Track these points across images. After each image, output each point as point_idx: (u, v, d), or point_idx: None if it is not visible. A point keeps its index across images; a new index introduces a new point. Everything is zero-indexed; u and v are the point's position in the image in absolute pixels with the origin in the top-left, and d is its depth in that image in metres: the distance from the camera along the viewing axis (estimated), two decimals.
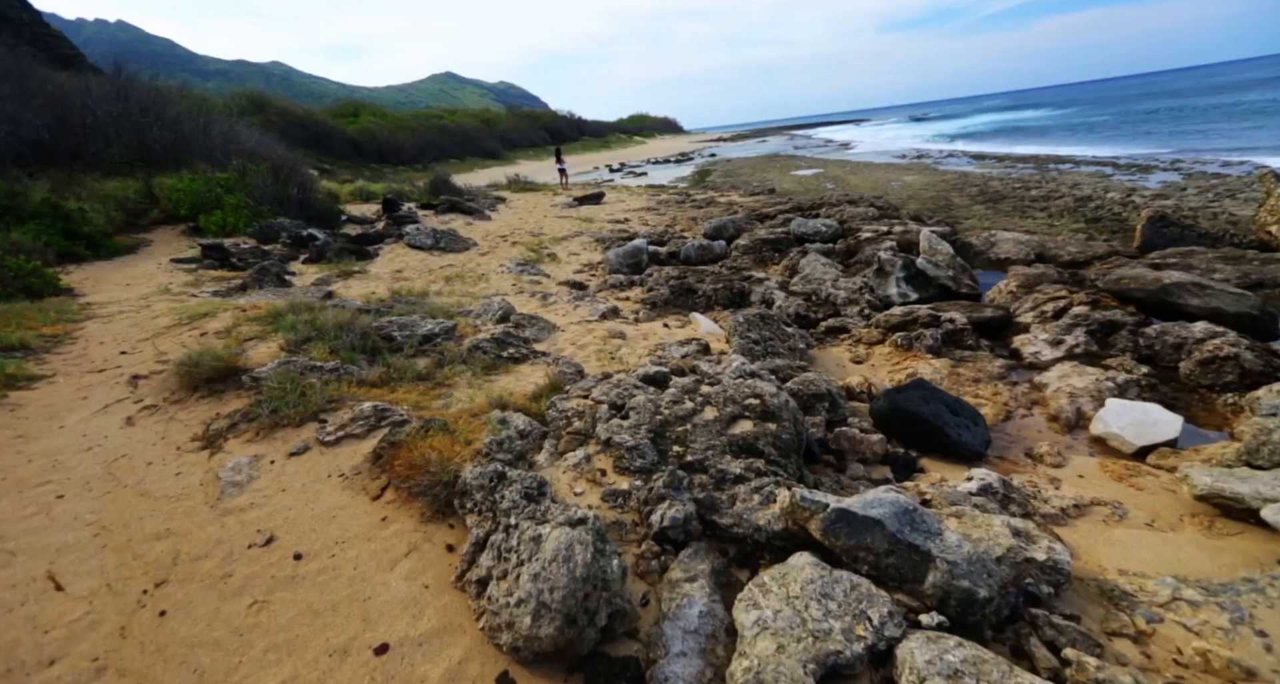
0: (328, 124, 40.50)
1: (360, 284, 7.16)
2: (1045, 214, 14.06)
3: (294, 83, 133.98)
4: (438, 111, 64.52)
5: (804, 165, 31.63)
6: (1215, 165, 18.73)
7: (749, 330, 4.43)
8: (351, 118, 47.41)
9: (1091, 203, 14.28)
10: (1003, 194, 16.59)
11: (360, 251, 8.31)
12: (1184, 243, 6.52)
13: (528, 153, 59.43)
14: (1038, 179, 19.46)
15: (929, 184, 20.47)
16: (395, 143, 44.27)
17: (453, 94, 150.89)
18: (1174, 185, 16.01)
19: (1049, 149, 29.20)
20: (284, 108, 37.23)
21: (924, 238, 6.62)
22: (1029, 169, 22.54)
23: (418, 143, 47.23)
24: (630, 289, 6.83)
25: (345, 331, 3.88)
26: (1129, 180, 17.77)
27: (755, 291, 5.85)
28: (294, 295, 5.51)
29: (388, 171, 36.26)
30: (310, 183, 10.36)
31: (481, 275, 7.55)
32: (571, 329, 5.26)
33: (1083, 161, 23.28)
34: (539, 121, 68.55)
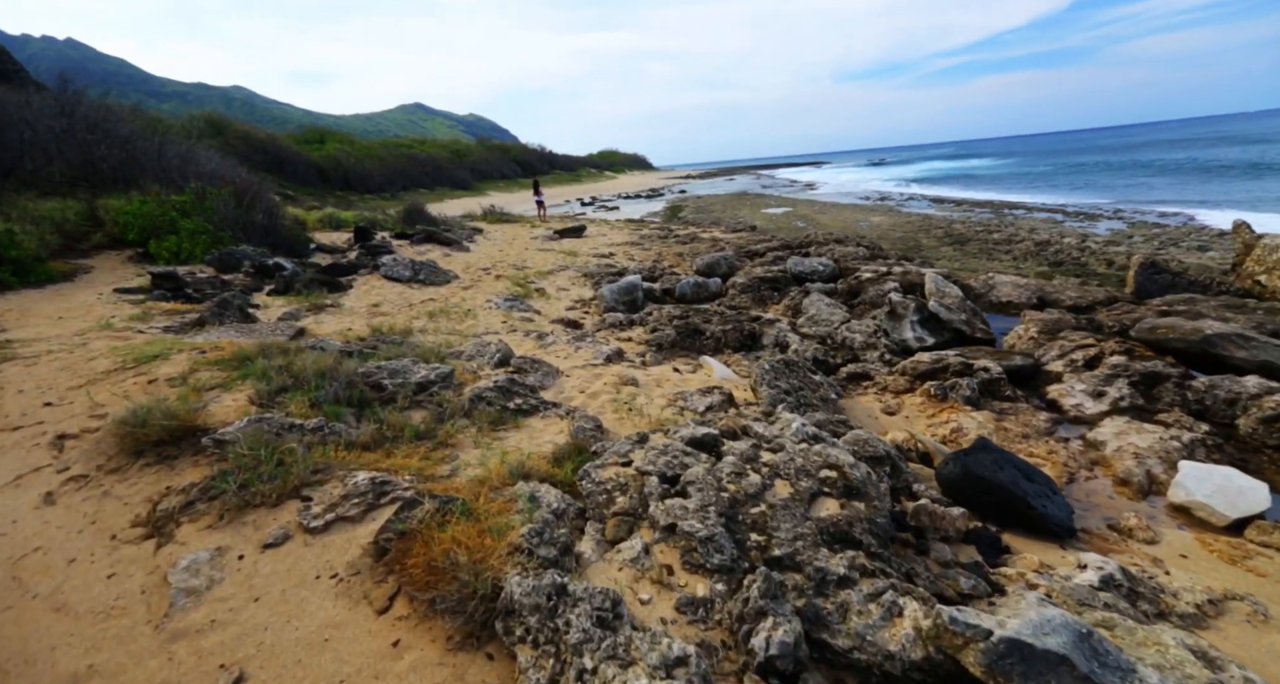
0: (291, 150, 39.60)
1: (334, 319, 6.54)
2: (1010, 257, 14.48)
3: (256, 107, 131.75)
4: (407, 141, 64.22)
5: (773, 204, 32.41)
6: (1153, 215, 19.97)
7: (777, 379, 4.07)
8: (317, 144, 46.59)
9: (1051, 247, 14.82)
10: (967, 237, 17.13)
11: (332, 283, 7.68)
12: (1176, 289, 6.60)
13: (498, 185, 59.45)
14: (997, 223, 20.28)
15: (896, 225, 21.09)
16: (362, 171, 43.59)
17: (422, 124, 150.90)
18: (1121, 233, 16.86)
19: (1000, 196, 30.82)
20: (245, 132, 36.23)
21: (930, 280, 6.49)
22: (986, 214, 23.58)
23: (386, 171, 46.68)
24: (631, 329, 6.43)
25: (328, 380, 3.33)
26: (1079, 227, 18.70)
27: (767, 334, 5.54)
28: (262, 333, 4.89)
29: (354, 199, 35.44)
30: (277, 208, 9.70)
31: (468, 311, 7.03)
32: (577, 374, 4.79)
33: (1034, 208, 24.54)
34: (509, 154, 68.92)
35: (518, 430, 3.43)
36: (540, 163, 71.38)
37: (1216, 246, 14.01)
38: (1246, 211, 18.07)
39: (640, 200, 41.49)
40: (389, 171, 46.59)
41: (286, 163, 36.62)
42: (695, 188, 54.47)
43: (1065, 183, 34.06)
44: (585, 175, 76.12)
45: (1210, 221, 17.08)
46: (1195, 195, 23.30)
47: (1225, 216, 17.53)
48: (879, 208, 27.98)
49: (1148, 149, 60.09)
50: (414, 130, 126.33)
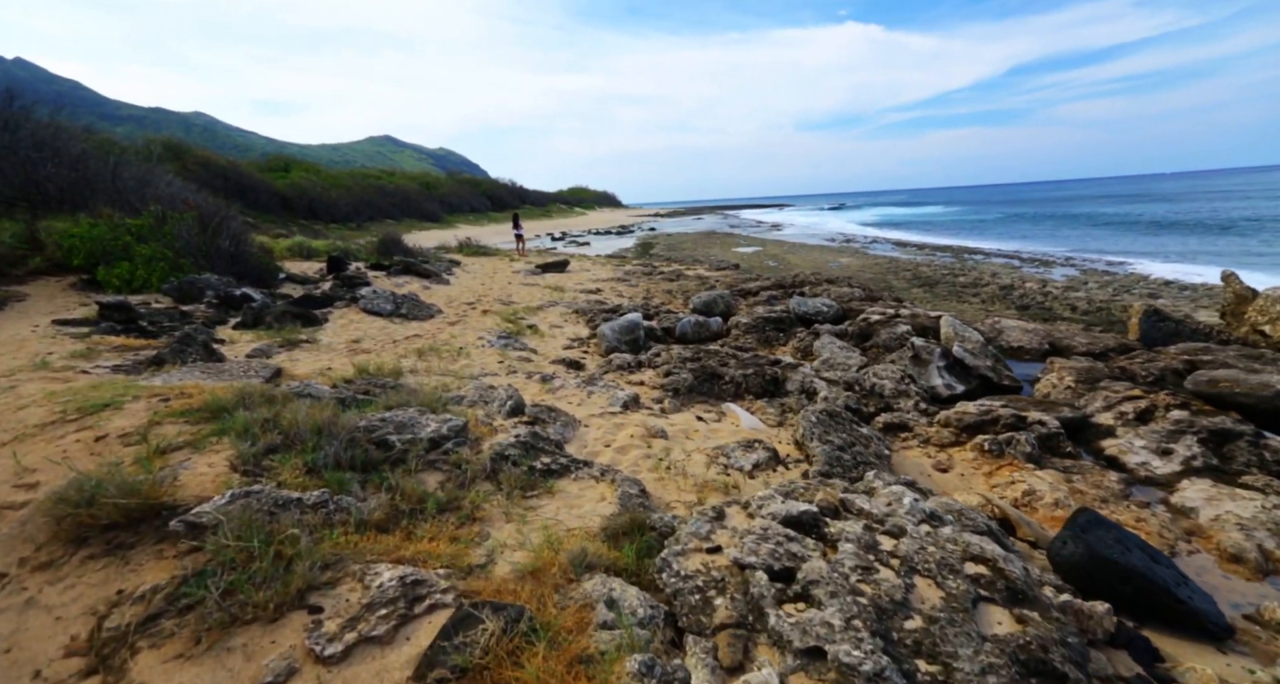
0: (254, 177, 38.51)
1: (310, 357, 5.88)
2: (979, 299, 14.80)
3: (218, 134, 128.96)
4: (375, 172, 63.56)
5: (743, 243, 32.95)
6: (1100, 264, 21.02)
7: (827, 433, 3.68)
8: (282, 172, 45.55)
9: (1015, 291, 15.24)
10: (935, 279, 17.53)
11: (307, 316, 7.01)
12: (1180, 337, 6.62)
13: (468, 218, 59.11)
14: (960, 267, 20.93)
15: (865, 266, 21.53)
16: (328, 200, 42.68)
17: (390, 156, 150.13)
18: (1077, 279, 17.57)
19: (957, 241, 32.19)
20: (205, 157, 35.04)
21: (946, 324, 6.32)
22: (948, 258, 24.41)
23: (353, 201, 45.86)
24: (640, 371, 5.99)
25: (325, 437, 2.76)
26: (1036, 272, 19.46)
27: (791, 379, 5.19)
28: (233, 374, 4.23)
29: (319, 228, 34.43)
30: (245, 235, 8.99)
31: (460, 349, 6.47)
32: (596, 423, 4.31)
33: (991, 253, 25.57)
34: (480, 188, 68.91)
35: (552, 497, 2.91)
36: (511, 197, 71.57)
37: (1165, 294, 14.66)
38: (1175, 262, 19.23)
39: (611, 236, 41.72)
40: (355, 201, 45.80)
41: (248, 190, 35.45)
42: (664, 226, 55.29)
43: (1013, 231, 35.96)
44: (555, 211, 76.65)
45: (1150, 271, 18.03)
46: (1129, 246, 24.81)
47: (1161, 267, 18.58)
48: (846, 249, 28.72)
49: (1079, 203, 64.66)
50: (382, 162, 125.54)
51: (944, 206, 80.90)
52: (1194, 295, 14.28)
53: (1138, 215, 39.66)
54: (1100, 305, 13.19)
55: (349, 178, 51.38)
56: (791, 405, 4.95)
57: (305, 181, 43.14)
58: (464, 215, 59.03)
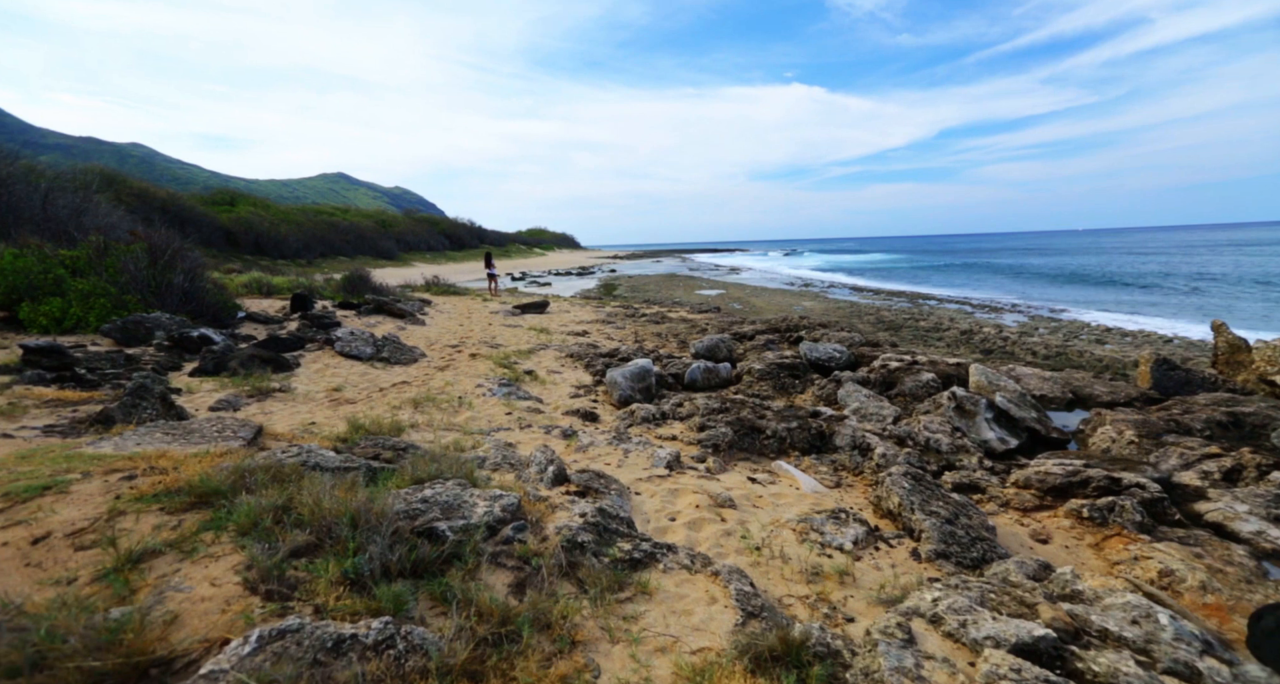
0: (197, 210, 36.64)
1: (287, 409, 5.07)
2: (944, 343, 15.07)
3: (156, 166, 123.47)
4: (329, 208, 61.91)
5: (706, 286, 33.23)
6: (1044, 310, 22.14)
7: (927, 501, 3.24)
8: (227, 206, 43.65)
9: (976, 336, 15.63)
10: (898, 323, 17.85)
11: (277, 360, 6.16)
12: (1191, 387, 6.64)
13: (425, 256, 57.94)
14: (917, 312, 21.53)
15: (828, 310, 21.84)
16: (277, 235, 41.01)
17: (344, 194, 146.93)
18: (1029, 325, 18.28)
19: (910, 287, 33.50)
20: (142, 188, 33.08)
21: (978, 372, 6.12)
22: (904, 303, 25.15)
23: (304, 237, 44.27)
24: (665, 423, 5.45)
25: (364, 531, 2.10)
26: (989, 318, 20.19)
27: (839, 433, 4.77)
28: (204, 435, 3.43)
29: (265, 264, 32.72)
30: (201, 270, 8.06)
31: (459, 399, 5.76)
32: (646, 489, 3.72)
33: (943, 299, 26.58)
34: (438, 227, 67.96)
35: (649, 599, 2.31)
36: (470, 237, 70.87)
37: (1110, 340, 15.35)
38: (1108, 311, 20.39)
39: (571, 277, 41.47)
40: (306, 237, 44.18)
41: (190, 223, 33.55)
42: (624, 268, 55.60)
43: (955, 279, 37.76)
44: (515, 251, 76.31)
45: (1090, 318, 19.04)
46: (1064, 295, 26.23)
47: (1099, 315, 19.64)
48: (807, 293, 29.31)
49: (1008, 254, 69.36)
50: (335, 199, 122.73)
51: (886, 254, 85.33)
52: (1136, 342, 14.98)
53: (1062, 267, 42.51)
54: (1058, 350, 13.56)
55: (300, 213, 49.70)
56: (844, 463, 4.52)
57: (253, 216, 41.42)
58: (421, 254, 57.86)
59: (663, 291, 29.09)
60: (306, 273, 28.98)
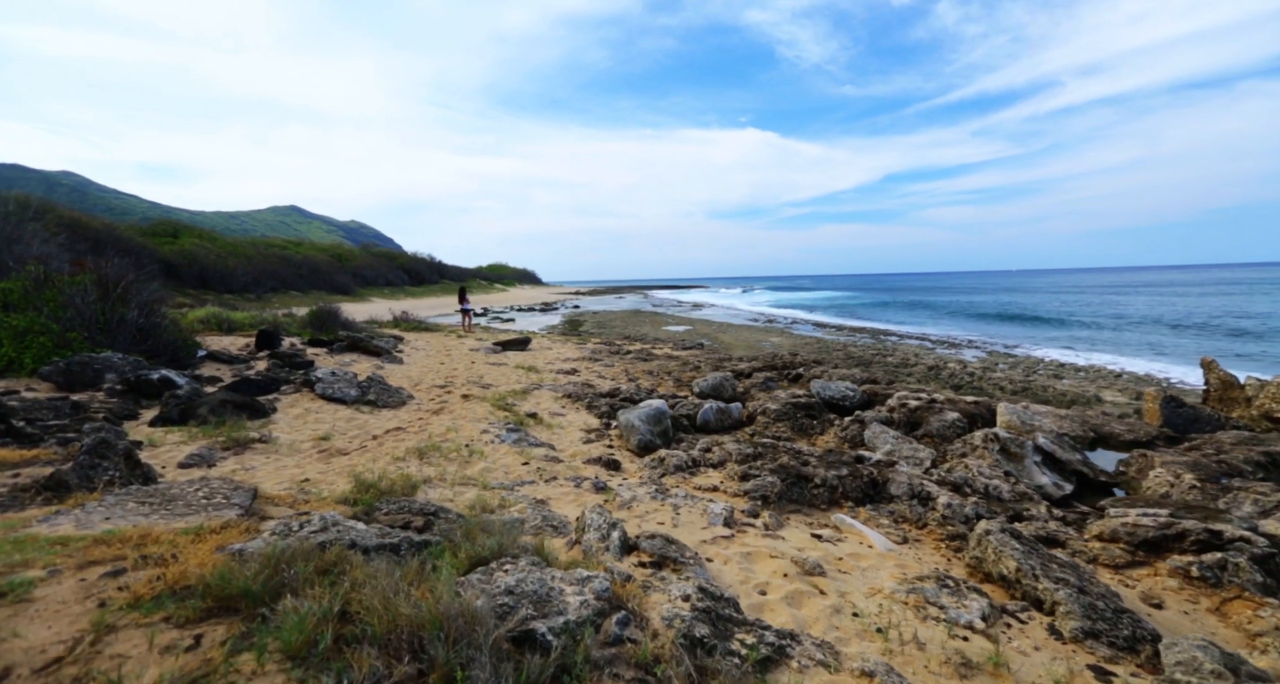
0: (134, 241, 34.55)
1: (271, 463, 4.39)
2: (912, 379, 15.24)
3: (89, 195, 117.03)
4: (280, 241, 59.77)
5: (672, 322, 33.13)
6: (999, 346, 23.00)
7: (1047, 567, 2.90)
8: (169, 238, 41.49)
9: (943, 371, 15.93)
10: (867, 359, 18.03)
11: (251, 406, 5.44)
12: (1200, 424, 6.69)
13: (383, 291, 56.34)
14: (882, 347, 21.93)
15: (797, 346, 21.96)
16: (224, 269, 39.09)
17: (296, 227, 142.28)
18: (988, 360, 18.79)
19: (869, 323, 34.34)
20: (73, 218, 31.02)
21: (1008, 412, 5.99)
22: (867, 338, 25.62)
23: (253, 271, 42.36)
24: (700, 471, 5.01)
25: (446, 639, 1.59)
26: (950, 354, 20.73)
27: (893, 480, 4.46)
28: (189, 502, 2.80)
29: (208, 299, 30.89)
30: (159, 304, 7.23)
31: (467, 446, 5.17)
32: (717, 555, 3.27)
33: (903, 335, 27.25)
34: (397, 261, 66.42)
35: None
36: (430, 272, 69.49)
37: (1066, 375, 15.93)
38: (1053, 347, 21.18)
39: (535, 313, 40.83)
40: (256, 271, 42.27)
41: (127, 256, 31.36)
42: (588, 303, 55.36)
43: (910, 316, 39.06)
44: (476, 286, 75.20)
45: (1042, 354, 19.82)
46: (1012, 332, 27.25)
47: (1049, 351, 20.47)
48: (772, 329, 29.55)
49: (953, 292, 72.97)
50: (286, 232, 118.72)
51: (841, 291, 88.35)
52: (1090, 377, 15.55)
53: (1004, 306, 44.65)
54: (1022, 385, 13.88)
55: (250, 246, 47.68)
56: (904, 514, 4.18)
57: (198, 248, 39.40)
58: (379, 289, 56.21)
59: (629, 327, 28.81)
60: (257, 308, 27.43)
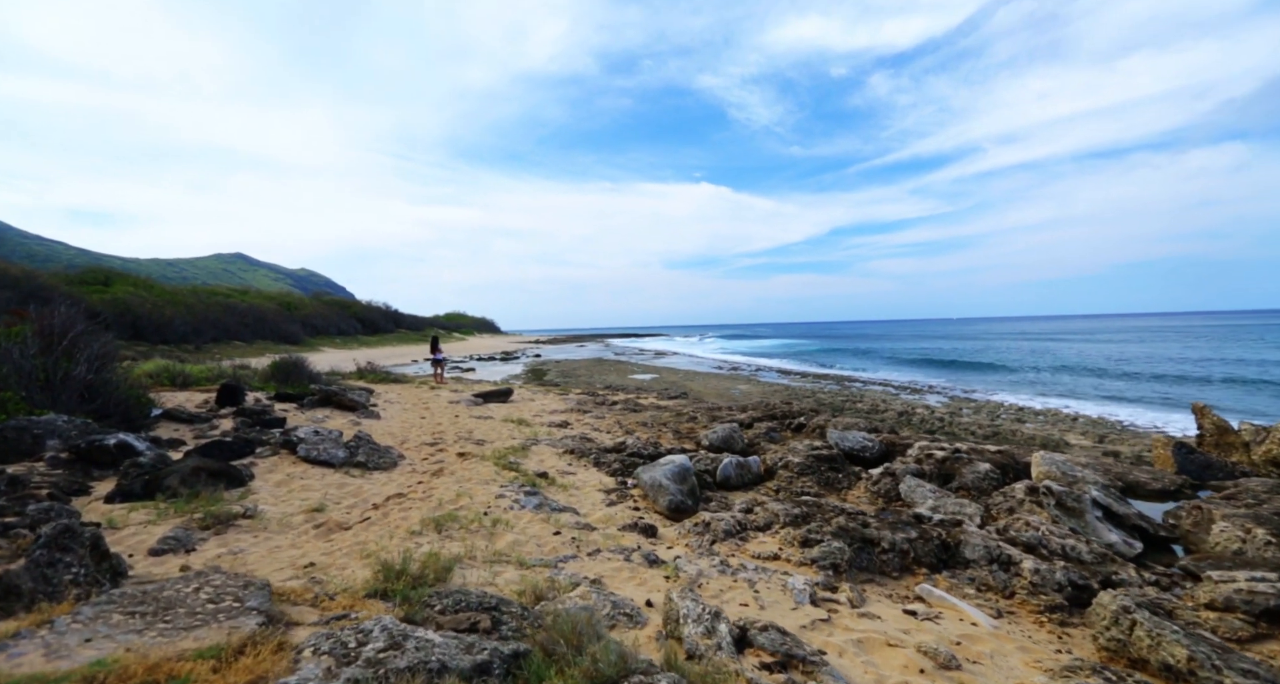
0: (59, 289, 32.04)
1: (261, 543, 3.69)
2: (887, 425, 15.35)
3: (8, 241, 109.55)
4: (224, 289, 56.97)
5: (637, 370, 32.68)
6: (958, 391, 23.64)
7: (1223, 652, 2.59)
8: (100, 286, 38.81)
9: (914, 417, 16.10)
10: (837, 405, 18.08)
11: (228, 473, 4.68)
12: (1213, 470, 6.69)
13: (334, 341, 54.10)
14: (849, 394, 22.13)
15: (766, 393, 21.90)
16: (160, 318, 36.62)
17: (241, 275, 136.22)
18: (952, 405, 19.21)
19: (831, 370, 34.81)
20: None
21: (1045, 461, 5.85)
22: (833, 385, 25.84)
23: (193, 320, 39.88)
24: (750, 537, 4.55)
25: None
26: (914, 399, 21.09)
27: (967, 543, 4.13)
28: (193, 609, 2.17)
29: (142, 350, 28.63)
30: (111, 357, 6.37)
31: (487, 515, 4.55)
32: (828, 644, 2.81)
33: (867, 381, 27.65)
34: (350, 310, 64.16)
35: None
36: (385, 321, 67.38)
37: (1028, 419, 16.37)
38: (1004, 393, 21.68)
39: (495, 363, 39.72)
40: (197, 320, 39.79)
41: (51, 305, 28.97)
42: (549, 352, 54.47)
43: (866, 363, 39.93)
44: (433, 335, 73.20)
45: (1000, 399, 20.42)
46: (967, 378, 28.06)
47: (1007, 395, 21.14)
48: (739, 377, 29.49)
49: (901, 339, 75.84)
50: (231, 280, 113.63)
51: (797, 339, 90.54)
52: (1050, 420, 16.03)
53: (951, 352, 46.37)
54: (992, 429, 14.11)
55: (190, 295, 45.12)
56: (986, 581, 3.84)
57: (132, 297, 36.92)
58: (330, 338, 53.88)
59: (595, 376, 28.24)
60: (197, 359, 25.53)
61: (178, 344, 35.51)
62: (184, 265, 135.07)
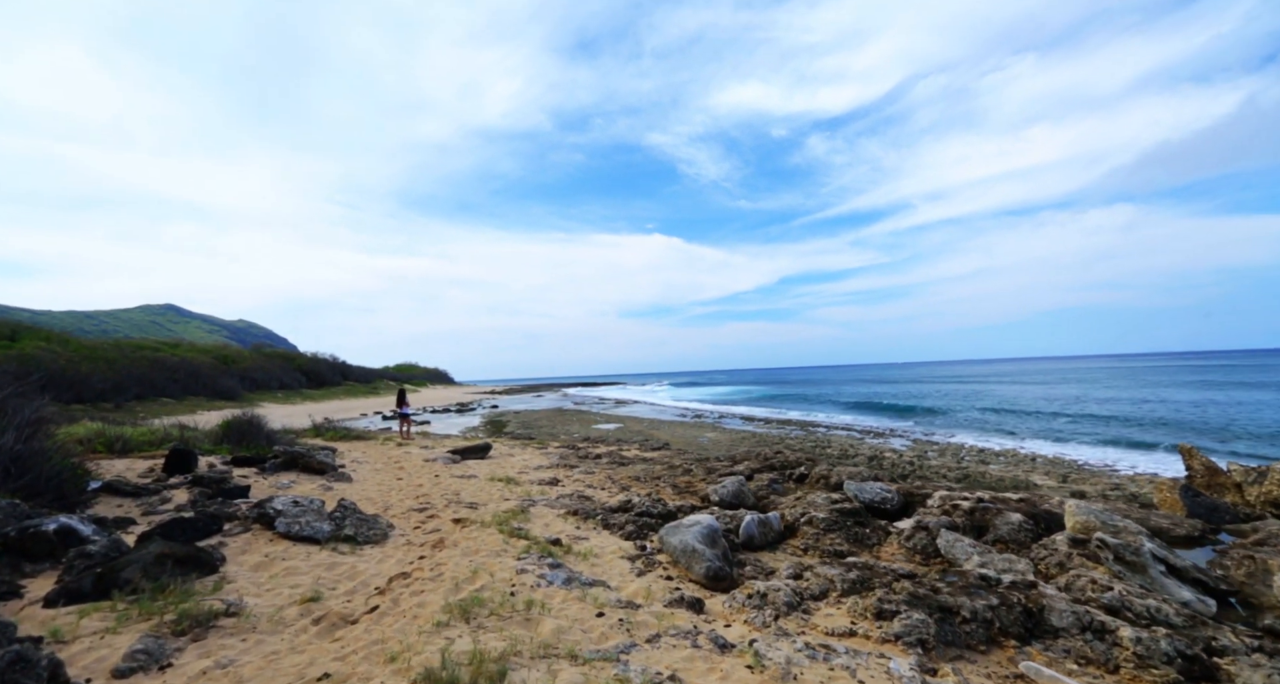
0: None
1: (253, 649, 3.00)
2: (885, 473, 15.29)
3: None
4: (153, 343, 53.08)
5: (600, 420, 31.86)
6: (919, 434, 24.07)
7: None
8: (5, 342, 35.44)
9: (885, 461, 16.15)
10: (807, 450, 18.05)
11: (197, 558, 3.91)
12: (1219, 513, 6.70)
13: (276, 396, 50.91)
14: (815, 439, 22.13)
15: (733, 441, 21.60)
16: (77, 375, 33.51)
17: (171, 327, 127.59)
18: (917, 448, 19.44)
19: (793, 415, 34.93)
20: None
21: (1082, 511, 5.71)
22: (797, 430, 25.81)
23: (115, 376, 36.70)
24: (813, 609, 4.11)
25: None
26: (880, 443, 21.29)
27: (1052, 609, 3.83)
28: None
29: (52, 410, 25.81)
30: (43, 427, 5.45)
31: (513, 594, 3.94)
32: None
33: (830, 427, 27.76)
34: (294, 363, 60.84)
35: None
36: (331, 373, 64.11)
37: (992, 460, 16.71)
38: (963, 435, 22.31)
39: (451, 415, 38.13)
40: (119, 376, 36.59)
41: None
42: (506, 403, 52.81)
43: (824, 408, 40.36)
44: (384, 388, 70.09)
45: (956, 441, 20.81)
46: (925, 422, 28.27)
47: (967, 437, 21.78)
48: (704, 424, 29.09)
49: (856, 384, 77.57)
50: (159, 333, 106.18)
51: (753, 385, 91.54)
52: (1013, 461, 16.41)
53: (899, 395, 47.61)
54: (962, 472, 14.26)
55: (113, 349, 41.73)
56: (1084, 653, 3.54)
57: (43, 352, 33.80)
58: (270, 393, 50.62)
59: (558, 427, 27.35)
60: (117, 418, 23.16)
61: (94, 403, 32.36)
62: (104, 318, 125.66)
